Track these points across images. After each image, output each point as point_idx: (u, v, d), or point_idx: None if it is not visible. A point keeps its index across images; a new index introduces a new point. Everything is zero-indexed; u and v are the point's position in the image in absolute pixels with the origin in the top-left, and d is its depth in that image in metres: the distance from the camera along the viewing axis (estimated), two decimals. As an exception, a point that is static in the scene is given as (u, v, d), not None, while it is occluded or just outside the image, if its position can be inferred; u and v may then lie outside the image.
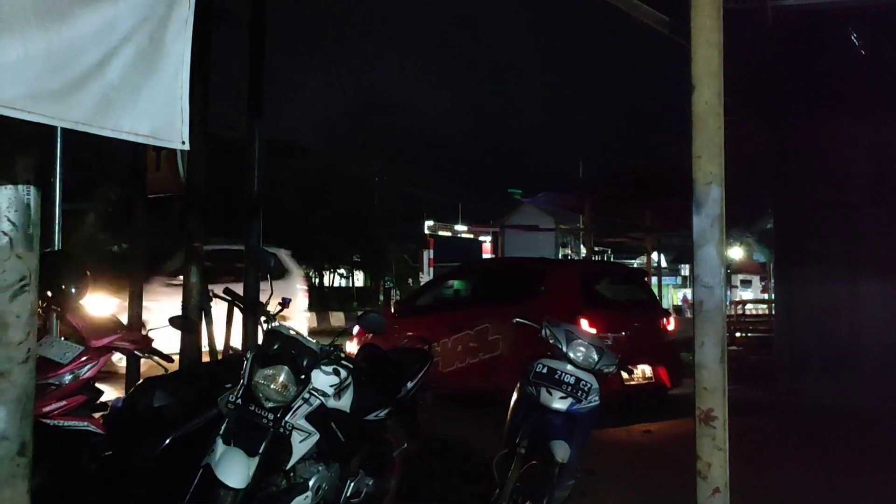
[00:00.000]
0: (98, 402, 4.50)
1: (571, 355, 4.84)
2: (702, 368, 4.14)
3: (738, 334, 16.98)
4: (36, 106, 2.54)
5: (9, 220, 3.03)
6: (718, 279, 4.14)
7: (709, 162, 4.17)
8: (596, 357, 4.86)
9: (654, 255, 20.69)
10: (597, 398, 4.83)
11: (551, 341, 4.93)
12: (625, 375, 5.97)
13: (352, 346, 9.46)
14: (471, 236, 58.02)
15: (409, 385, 5.18)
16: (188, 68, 2.96)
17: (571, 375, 4.78)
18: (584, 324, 8.63)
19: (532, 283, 10.49)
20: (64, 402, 4.19)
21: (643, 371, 9.91)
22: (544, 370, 4.84)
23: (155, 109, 2.88)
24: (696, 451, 4.13)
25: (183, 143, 2.96)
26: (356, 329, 5.34)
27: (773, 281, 22.41)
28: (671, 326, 11.00)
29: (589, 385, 4.77)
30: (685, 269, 62.71)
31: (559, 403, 4.74)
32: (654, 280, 19.86)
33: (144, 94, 2.84)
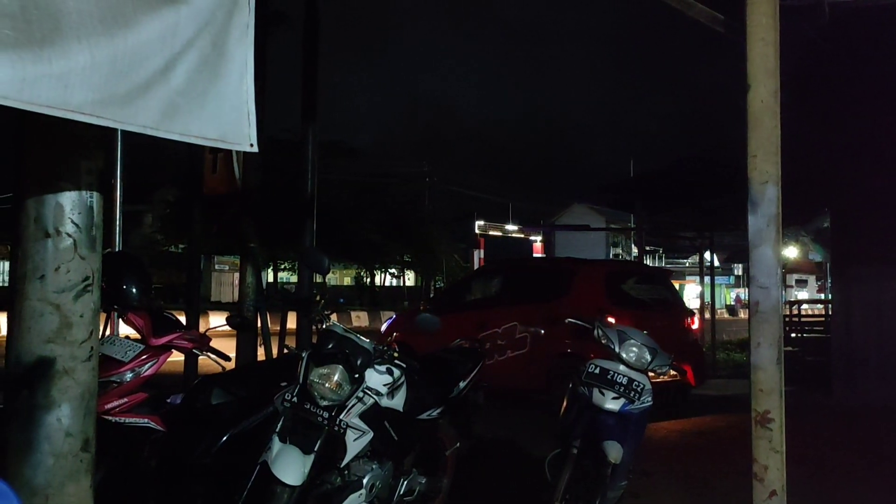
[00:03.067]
0: (158, 399, 4.59)
1: (624, 356, 4.81)
2: (758, 370, 4.09)
3: (793, 335, 16.71)
4: (104, 111, 2.60)
5: (72, 222, 3.10)
6: (774, 280, 4.10)
7: (765, 161, 4.12)
8: (649, 357, 4.83)
9: (707, 255, 20.36)
10: (650, 399, 4.79)
11: (603, 342, 4.91)
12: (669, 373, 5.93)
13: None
14: (521, 236, 57.92)
15: (462, 384, 5.20)
16: (252, 72, 3.02)
17: (624, 376, 4.75)
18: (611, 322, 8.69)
19: (559, 281, 10.69)
20: (125, 400, 4.29)
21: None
22: (597, 370, 4.82)
23: (222, 114, 2.93)
24: (752, 453, 4.08)
25: (251, 145, 3.02)
26: (384, 328, 5.40)
27: (829, 280, 21.97)
28: (695, 325, 11.18)
29: (642, 386, 4.74)
30: (738, 269, 61.82)
31: (612, 404, 4.72)
32: (706, 280, 19.55)
33: (210, 98, 2.89)
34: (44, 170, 3.10)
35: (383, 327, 12.88)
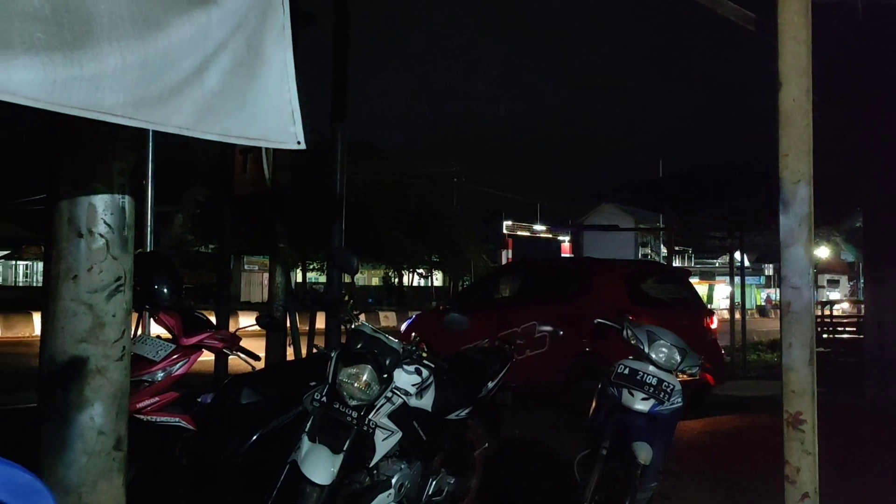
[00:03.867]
0: (189, 399, 4.63)
1: (653, 356, 4.78)
2: (789, 371, 4.05)
3: (825, 335, 16.53)
4: (136, 112, 2.62)
5: (105, 222, 3.13)
6: (806, 280, 4.05)
7: (796, 160, 4.08)
8: (678, 358, 4.79)
9: (737, 255, 20.17)
10: (680, 400, 4.76)
11: (633, 342, 4.87)
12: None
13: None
14: (549, 236, 57.76)
15: (490, 385, 5.19)
16: (293, 73, 3.03)
17: (653, 376, 4.71)
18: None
19: (579, 281, 10.78)
20: (157, 399, 4.32)
21: None
22: (626, 371, 4.79)
23: (263, 114, 2.95)
24: (783, 454, 4.04)
25: (298, 143, 3.04)
26: (404, 328, 5.41)
27: (861, 281, 21.69)
28: (714, 325, 11.15)
29: (672, 386, 4.70)
30: (769, 269, 61.25)
31: (641, 405, 4.68)
32: (736, 280, 19.37)
33: (249, 99, 2.91)
34: (76, 171, 3.14)
35: (403, 327, 12.98)
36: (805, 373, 4.02)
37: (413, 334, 9.96)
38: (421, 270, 49.81)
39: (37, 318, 18.20)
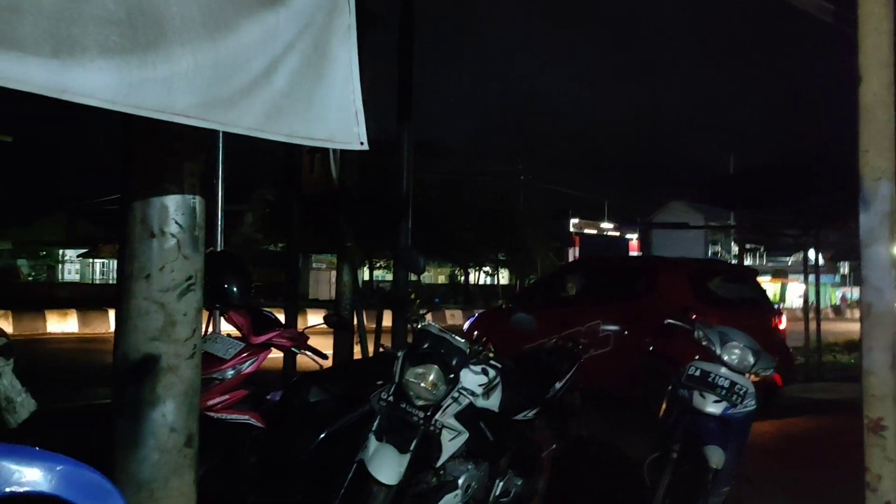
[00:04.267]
0: (258, 396, 4.67)
1: (726, 358, 4.67)
2: (870, 375, 3.91)
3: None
4: (208, 113, 2.65)
5: (176, 222, 3.17)
6: (888, 280, 3.90)
7: (878, 156, 3.93)
8: (752, 360, 4.67)
9: (811, 253, 19.65)
10: (753, 403, 4.64)
11: (704, 343, 4.77)
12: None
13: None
14: (617, 234, 57.18)
15: (558, 385, 5.13)
16: (357, 73, 3.04)
17: (726, 378, 4.60)
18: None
19: (643, 280, 10.66)
20: (227, 397, 4.36)
21: None
22: (697, 373, 4.68)
23: (329, 115, 2.96)
24: (864, 461, 3.90)
25: (362, 143, 3.05)
26: (466, 326, 5.36)
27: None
28: (783, 325, 10.91)
29: (745, 389, 4.59)
30: (844, 267, 59.63)
31: (713, 407, 4.58)
32: (811, 278, 18.86)
33: (316, 100, 2.92)
34: (149, 172, 3.18)
35: (465, 326, 12.94)
36: (886, 377, 3.88)
37: (475, 333, 9.94)
38: (487, 269, 49.74)
39: (112, 314, 18.65)
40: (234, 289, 4.61)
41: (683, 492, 4.54)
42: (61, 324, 20.79)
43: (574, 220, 53.91)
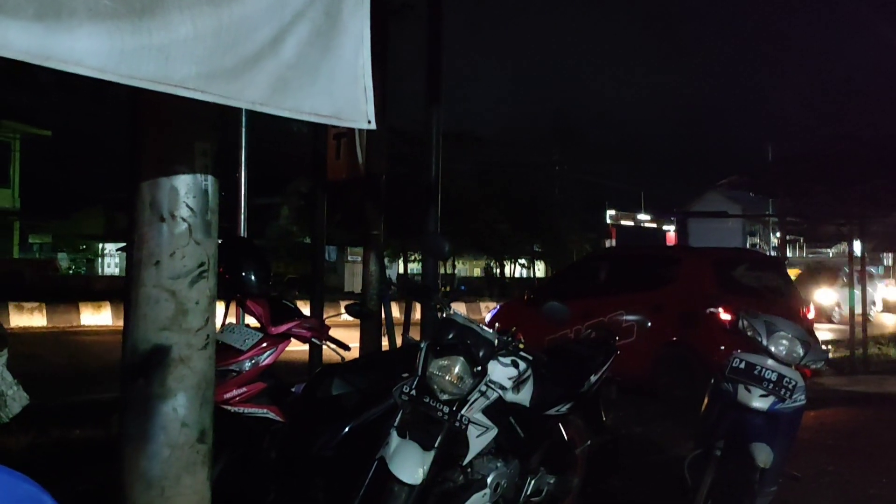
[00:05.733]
0: (280, 389, 4.50)
1: (773, 349, 4.38)
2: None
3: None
4: (209, 85, 2.48)
5: (187, 205, 3.03)
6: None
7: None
8: (801, 351, 4.38)
9: (857, 244, 19.17)
10: (803, 397, 4.35)
11: (749, 333, 4.48)
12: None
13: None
14: (654, 225, 56.70)
15: (593, 379, 4.88)
16: (368, 46, 2.85)
17: (773, 371, 4.31)
18: (722, 312, 8.42)
19: (667, 269, 10.48)
20: (244, 389, 4.20)
21: None
22: (742, 365, 4.40)
23: (336, 89, 2.78)
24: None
25: (368, 122, 2.85)
26: (488, 318, 5.12)
27: None
28: (811, 315, 10.77)
29: (794, 382, 4.29)
30: (888, 258, 58.58)
31: (759, 402, 4.29)
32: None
33: (323, 73, 2.74)
34: (158, 153, 3.02)
35: (487, 317, 12.81)
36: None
37: (496, 325, 9.75)
38: (522, 261, 49.51)
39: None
40: (252, 277, 4.43)
41: (727, 492, 4.27)
42: (95, 316, 20.90)
43: (610, 212, 53.47)
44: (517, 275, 51.02)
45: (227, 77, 2.52)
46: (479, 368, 3.88)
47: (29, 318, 19.70)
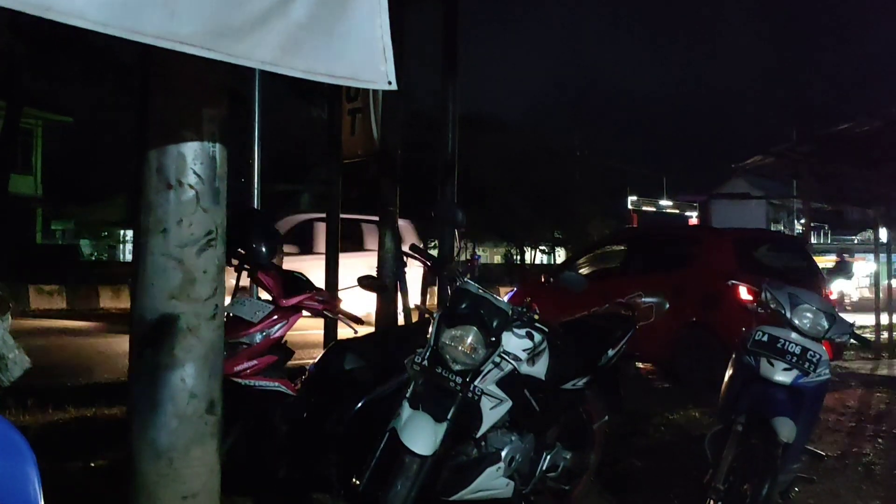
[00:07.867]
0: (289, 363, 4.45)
1: (797, 322, 4.26)
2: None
3: None
4: (216, 44, 2.40)
5: (195, 172, 2.99)
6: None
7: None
8: (826, 324, 4.26)
9: (883, 231, 18.86)
10: (827, 371, 4.23)
11: (773, 306, 4.36)
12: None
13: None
14: (676, 211, 56.31)
15: (611, 353, 4.77)
16: (386, 6, 2.75)
17: (797, 345, 4.20)
18: (743, 291, 8.36)
19: (687, 249, 10.34)
20: (255, 362, 4.15)
21: None
22: (765, 338, 4.28)
23: (352, 50, 2.68)
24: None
25: (389, 83, 2.75)
26: (506, 299, 5.00)
27: None
28: (833, 296, 10.57)
29: (818, 356, 4.17)
30: (915, 244, 57.92)
31: (783, 376, 4.18)
32: (882, 257, 18.09)
33: (338, 34, 2.65)
34: (165, 118, 2.97)
35: (505, 300, 12.64)
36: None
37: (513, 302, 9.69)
38: (543, 247, 49.37)
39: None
40: (263, 249, 4.35)
41: (749, 468, 4.15)
42: (114, 300, 21.18)
43: (632, 198, 53.11)
44: (538, 261, 50.90)
45: (235, 35, 2.45)
46: (493, 339, 3.79)
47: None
